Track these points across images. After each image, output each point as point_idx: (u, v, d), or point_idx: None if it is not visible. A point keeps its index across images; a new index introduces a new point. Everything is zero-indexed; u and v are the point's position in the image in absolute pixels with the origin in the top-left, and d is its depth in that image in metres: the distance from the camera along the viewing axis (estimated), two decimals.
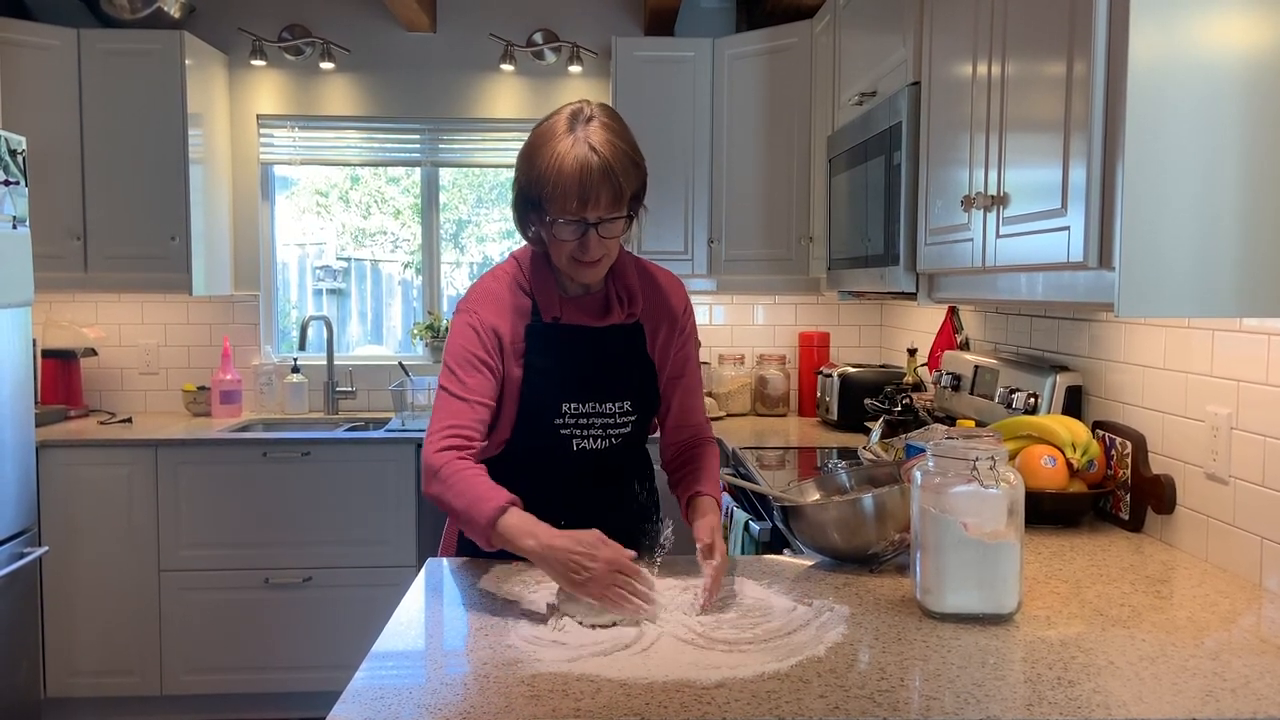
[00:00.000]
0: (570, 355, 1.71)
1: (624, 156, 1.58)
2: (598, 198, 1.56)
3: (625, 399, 1.74)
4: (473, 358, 1.67)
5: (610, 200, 1.58)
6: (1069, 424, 2.05)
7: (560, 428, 1.71)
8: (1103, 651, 1.32)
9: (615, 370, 1.74)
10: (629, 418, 1.76)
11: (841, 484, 1.89)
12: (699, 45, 3.70)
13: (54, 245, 3.53)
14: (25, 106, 3.46)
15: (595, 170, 1.55)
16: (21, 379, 3.05)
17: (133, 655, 3.41)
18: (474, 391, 1.65)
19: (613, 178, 1.56)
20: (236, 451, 3.40)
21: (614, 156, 1.56)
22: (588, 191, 1.55)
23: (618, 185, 1.57)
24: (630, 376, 1.75)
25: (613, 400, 1.73)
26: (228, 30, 3.93)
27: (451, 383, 1.66)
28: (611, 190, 1.57)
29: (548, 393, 1.70)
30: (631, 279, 1.76)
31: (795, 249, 3.59)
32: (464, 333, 1.69)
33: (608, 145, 1.56)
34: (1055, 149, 1.57)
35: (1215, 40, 1.38)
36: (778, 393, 3.97)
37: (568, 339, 1.71)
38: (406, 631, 1.43)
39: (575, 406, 1.71)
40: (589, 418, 1.72)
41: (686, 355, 1.83)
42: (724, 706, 1.15)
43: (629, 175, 1.59)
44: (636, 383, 1.76)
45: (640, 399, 1.76)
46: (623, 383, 1.74)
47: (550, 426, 1.71)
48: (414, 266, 4.28)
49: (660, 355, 1.79)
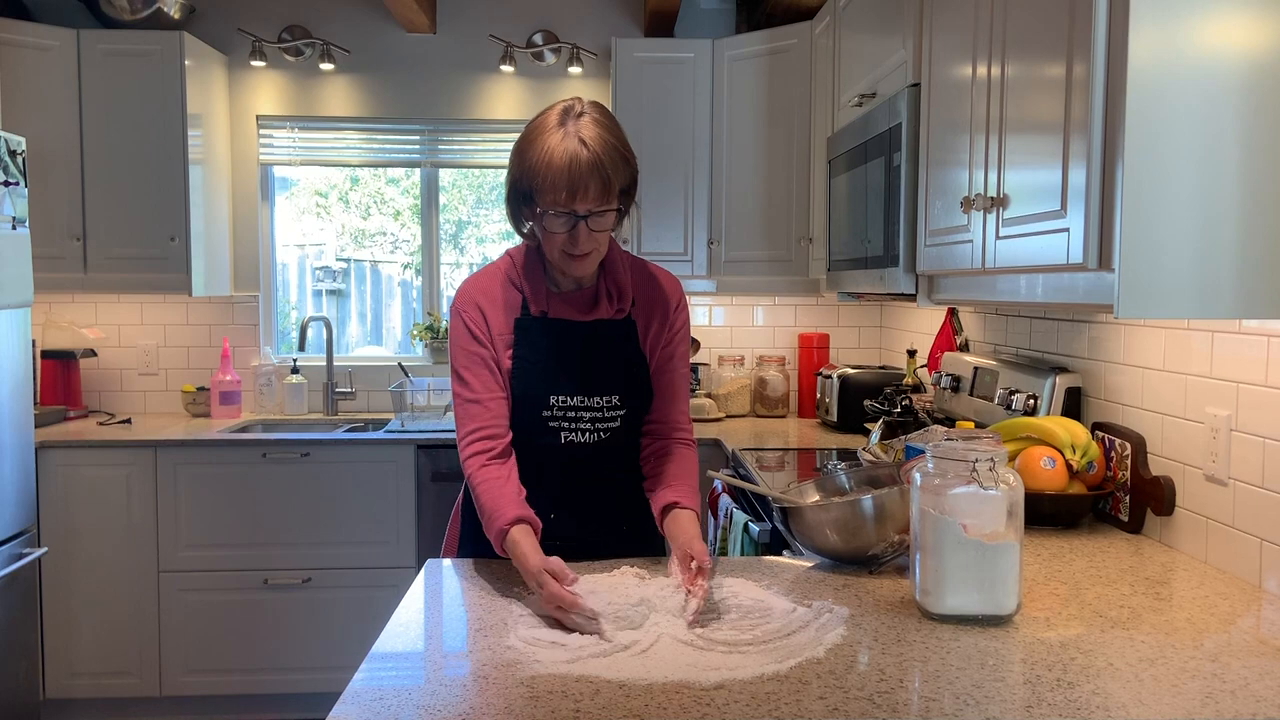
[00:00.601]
0: (557, 349, 1.74)
1: (613, 150, 1.61)
2: (586, 190, 1.59)
3: (613, 393, 1.76)
4: (473, 356, 1.72)
5: (598, 193, 1.60)
6: (1068, 425, 2.05)
7: (549, 420, 1.74)
8: (1102, 653, 1.32)
9: (602, 364, 1.76)
10: (617, 411, 1.77)
11: (841, 485, 1.89)
12: (699, 46, 3.70)
13: (53, 246, 3.53)
14: (25, 107, 3.46)
15: (584, 163, 1.58)
16: (21, 380, 3.05)
17: (132, 656, 3.41)
18: (483, 389, 1.71)
19: (601, 170, 1.59)
20: (236, 452, 3.40)
21: (603, 150, 1.59)
22: (576, 184, 1.58)
23: (606, 178, 1.60)
24: (618, 370, 1.76)
25: (600, 394, 1.75)
26: (227, 31, 3.93)
27: (461, 388, 1.72)
28: (600, 183, 1.59)
29: (536, 385, 1.73)
30: (622, 275, 1.77)
31: (795, 250, 3.59)
32: (459, 333, 1.74)
33: (598, 139, 1.60)
34: (1055, 150, 1.57)
35: (1215, 41, 1.38)
36: (777, 394, 3.97)
37: (555, 332, 1.74)
38: (406, 633, 1.43)
39: (564, 399, 1.74)
40: (577, 410, 1.75)
41: (671, 352, 1.82)
42: (723, 708, 1.15)
43: (618, 169, 1.62)
44: (625, 376, 1.77)
45: (629, 392, 1.77)
46: (610, 376, 1.76)
47: (539, 419, 1.74)
48: (413, 267, 4.28)
49: (651, 347, 1.80)
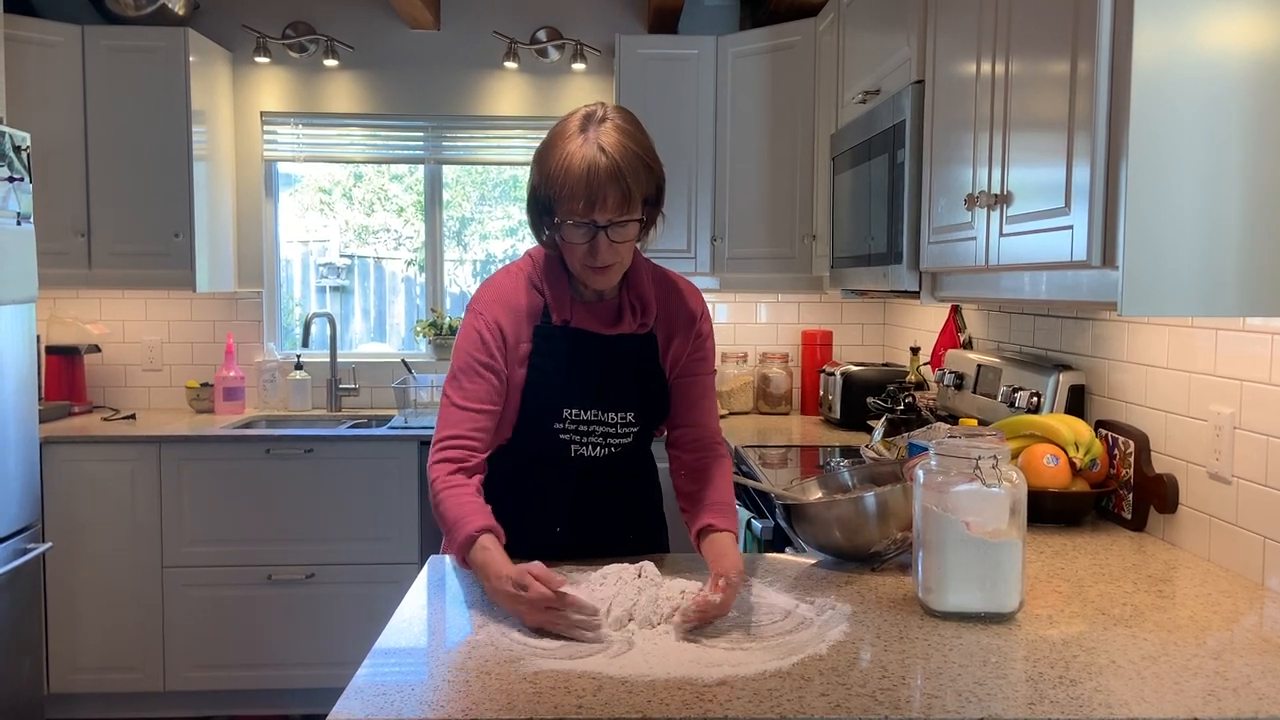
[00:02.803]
0: (576, 360, 1.68)
1: (634, 158, 1.54)
2: (604, 199, 1.53)
3: (629, 410, 1.71)
4: (476, 363, 1.65)
5: (617, 202, 1.54)
6: (1072, 423, 2.05)
7: (559, 433, 1.69)
8: (1104, 650, 1.32)
9: (621, 380, 1.70)
10: (631, 429, 1.73)
11: (844, 482, 1.89)
12: (702, 43, 3.70)
13: (58, 242, 3.53)
14: (30, 103, 3.47)
15: (602, 170, 1.51)
16: (25, 375, 3.06)
17: (136, 651, 3.41)
18: (474, 398, 1.64)
19: (620, 179, 1.52)
20: (239, 448, 3.41)
21: (623, 157, 1.52)
22: (594, 192, 1.52)
23: (625, 187, 1.53)
24: (636, 387, 1.72)
25: (616, 410, 1.70)
26: (232, 27, 3.93)
27: (454, 390, 1.65)
28: (619, 192, 1.53)
29: (550, 396, 1.68)
30: (645, 288, 1.71)
31: (798, 247, 3.58)
32: (470, 336, 1.67)
33: (618, 146, 1.53)
34: (1059, 148, 1.57)
35: (1219, 39, 1.38)
36: (780, 391, 3.97)
37: (575, 343, 1.68)
38: (409, 628, 1.43)
39: (576, 413, 1.69)
40: (590, 425, 1.70)
41: (702, 356, 1.77)
42: (725, 704, 1.15)
43: (639, 177, 1.55)
44: (642, 394, 1.72)
45: (644, 411, 1.73)
46: (628, 393, 1.71)
47: (550, 431, 1.69)
48: (417, 264, 4.28)
49: (672, 362, 1.75)
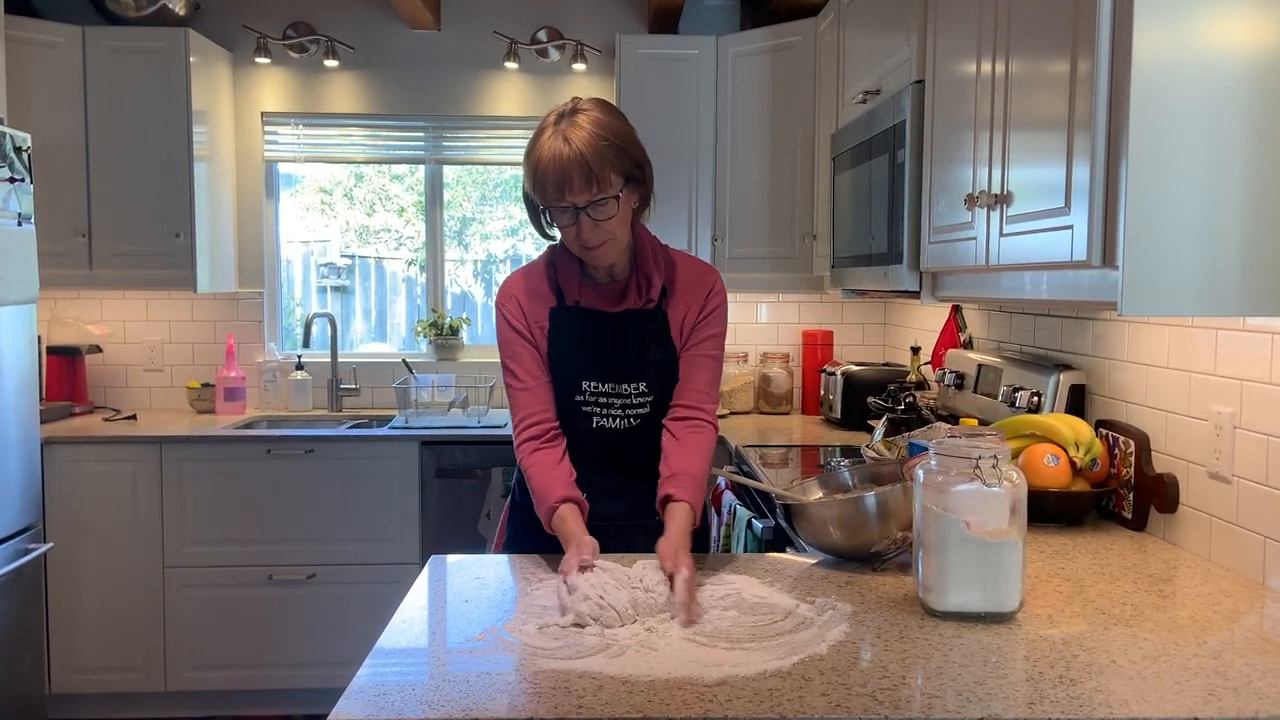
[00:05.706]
0: (588, 337, 1.81)
1: (598, 140, 1.65)
2: (571, 183, 1.65)
3: (640, 380, 1.83)
4: (516, 345, 1.82)
5: (583, 184, 1.65)
6: (1072, 423, 2.05)
7: (582, 404, 1.83)
8: (1105, 650, 1.32)
9: (630, 353, 1.81)
10: (645, 398, 1.84)
11: (844, 482, 1.89)
12: (703, 43, 3.70)
13: (59, 242, 3.54)
14: (31, 103, 3.47)
15: (565, 159, 1.64)
16: (26, 376, 3.06)
17: (137, 651, 3.42)
18: (526, 374, 1.82)
19: (583, 163, 1.64)
20: (240, 449, 3.41)
21: (585, 142, 1.64)
22: (560, 179, 1.65)
23: (587, 168, 1.64)
24: (646, 359, 1.82)
25: (629, 381, 1.83)
26: (232, 28, 3.93)
27: (510, 378, 1.83)
28: (582, 174, 1.64)
29: (569, 370, 1.82)
30: (651, 266, 1.82)
31: (799, 247, 3.58)
32: (502, 326, 1.84)
33: (581, 134, 1.65)
34: (1059, 147, 1.57)
35: (1219, 39, 1.38)
36: (781, 391, 3.97)
37: (586, 321, 1.81)
38: (410, 628, 1.43)
39: (595, 385, 1.82)
40: (608, 397, 1.83)
41: (708, 333, 1.84)
42: (726, 704, 1.15)
43: (602, 158, 1.65)
44: (651, 364, 1.82)
45: (656, 380, 1.83)
46: (638, 365, 1.82)
47: (573, 403, 1.83)
48: (418, 264, 4.28)
49: (682, 338, 1.84)
